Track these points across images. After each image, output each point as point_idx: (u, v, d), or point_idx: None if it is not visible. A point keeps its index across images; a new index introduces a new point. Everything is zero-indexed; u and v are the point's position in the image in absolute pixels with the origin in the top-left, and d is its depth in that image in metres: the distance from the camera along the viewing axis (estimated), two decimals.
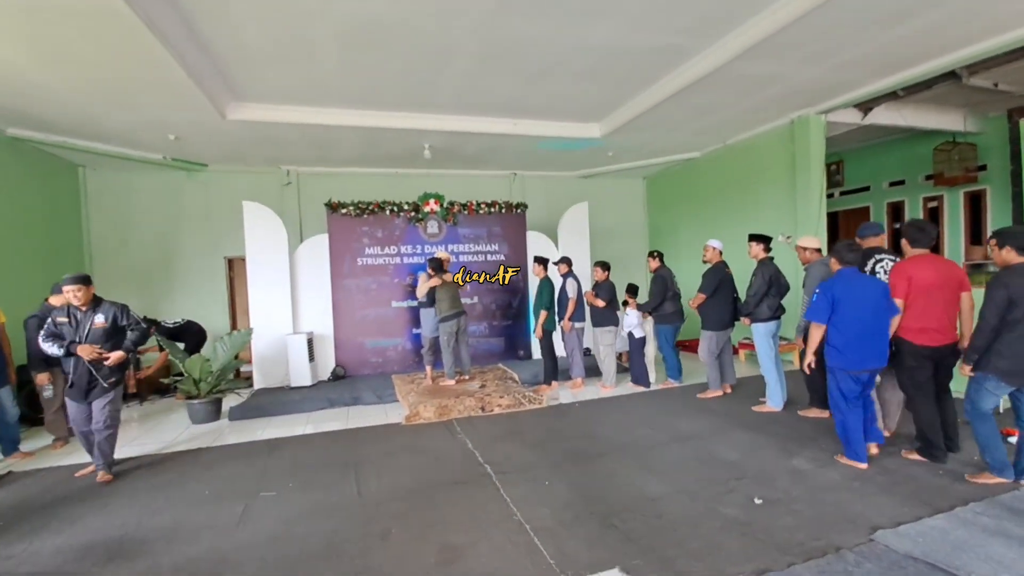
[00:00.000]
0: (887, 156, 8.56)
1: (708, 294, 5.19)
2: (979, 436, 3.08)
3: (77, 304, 3.65)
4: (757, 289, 4.73)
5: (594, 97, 5.93)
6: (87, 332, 3.64)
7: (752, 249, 4.93)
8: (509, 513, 2.92)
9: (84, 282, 3.65)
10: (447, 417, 4.95)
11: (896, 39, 4.52)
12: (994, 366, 2.92)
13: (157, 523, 3.02)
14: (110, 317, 3.72)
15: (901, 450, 3.57)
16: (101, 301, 3.75)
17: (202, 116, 5.46)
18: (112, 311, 3.75)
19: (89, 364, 3.60)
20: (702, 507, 2.90)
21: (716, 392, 5.32)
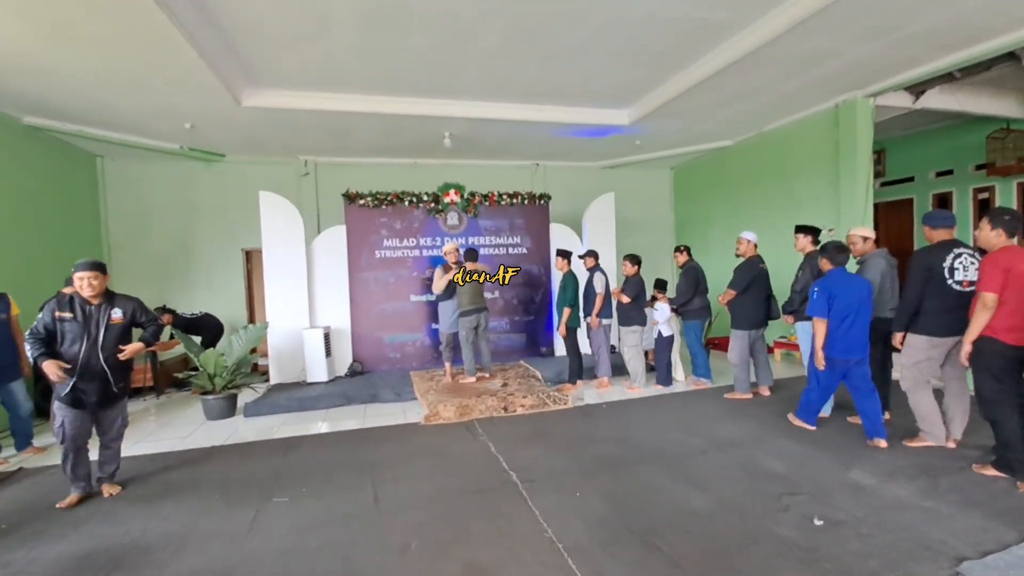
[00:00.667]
0: (934, 144, 8.04)
1: (739, 290, 4.85)
2: None
3: (89, 294, 3.10)
4: (804, 284, 4.35)
5: (625, 80, 5.59)
6: (103, 329, 3.12)
7: (799, 242, 4.55)
8: (539, 528, 2.66)
9: (100, 269, 3.14)
10: (468, 417, 4.72)
11: (966, 10, 4.09)
12: None
13: (164, 529, 2.84)
14: (129, 312, 3.25)
15: (972, 464, 3.22)
16: (114, 295, 3.26)
17: (216, 102, 5.28)
18: (131, 306, 3.28)
19: (106, 365, 3.14)
20: (754, 526, 2.60)
21: (745, 395, 4.98)
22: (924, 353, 3.46)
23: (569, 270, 5.62)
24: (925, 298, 3.41)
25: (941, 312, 3.37)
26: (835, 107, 6.21)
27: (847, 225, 6.09)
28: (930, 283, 3.38)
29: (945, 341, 3.41)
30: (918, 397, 3.54)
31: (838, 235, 6.27)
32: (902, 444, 3.62)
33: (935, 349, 3.44)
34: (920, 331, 3.46)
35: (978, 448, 3.46)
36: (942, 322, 3.38)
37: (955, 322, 3.34)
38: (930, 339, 3.43)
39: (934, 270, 3.37)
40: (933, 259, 3.39)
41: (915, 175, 8.36)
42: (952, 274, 3.35)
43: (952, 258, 3.36)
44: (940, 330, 3.39)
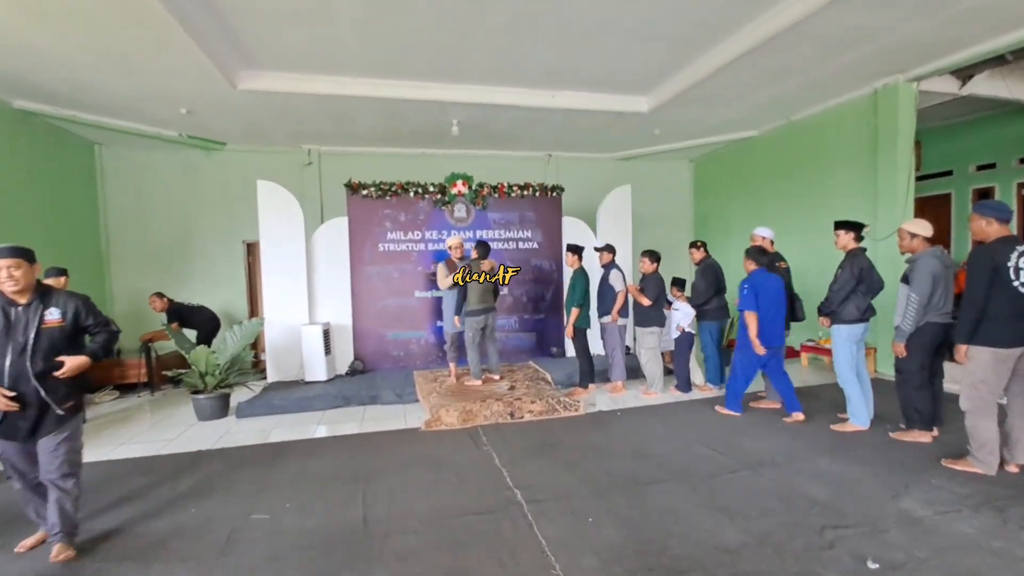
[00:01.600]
0: (975, 136, 7.49)
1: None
2: None
3: (12, 289, 2.37)
4: (843, 284, 3.91)
5: (645, 63, 5.19)
6: (33, 335, 2.39)
7: (840, 239, 4.09)
8: (546, 563, 2.33)
9: (23, 256, 2.41)
10: (472, 423, 4.40)
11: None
12: None
13: (127, 549, 2.56)
14: (71, 313, 2.51)
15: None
16: (51, 290, 2.54)
17: (211, 85, 5.00)
18: (72, 305, 2.53)
19: (39, 382, 2.39)
20: (796, 568, 2.24)
21: (774, 403, 4.61)
22: (989, 368, 3.01)
23: (580, 267, 5.24)
24: (988, 303, 2.97)
25: (1007, 319, 2.95)
26: (874, 92, 5.74)
27: (885, 221, 5.66)
28: (995, 286, 2.96)
29: (1012, 353, 2.98)
30: (978, 421, 3.09)
31: (874, 232, 5.83)
32: (941, 463, 3.25)
33: (1001, 363, 3.00)
34: (982, 342, 3.01)
35: None
36: (1008, 330, 2.95)
37: (1022, 330, 2.95)
38: (995, 351, 2.99)
39: (1000, 271, 2.95)
40: (999, 258, 2.96)
41: (953, 169, 7.82)
42: (1018, 275, 2.94)
43: (1017, 256, 2.95)
44: (1006, 340, 2.96)
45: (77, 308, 2.55)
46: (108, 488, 3.31)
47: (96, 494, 3.20)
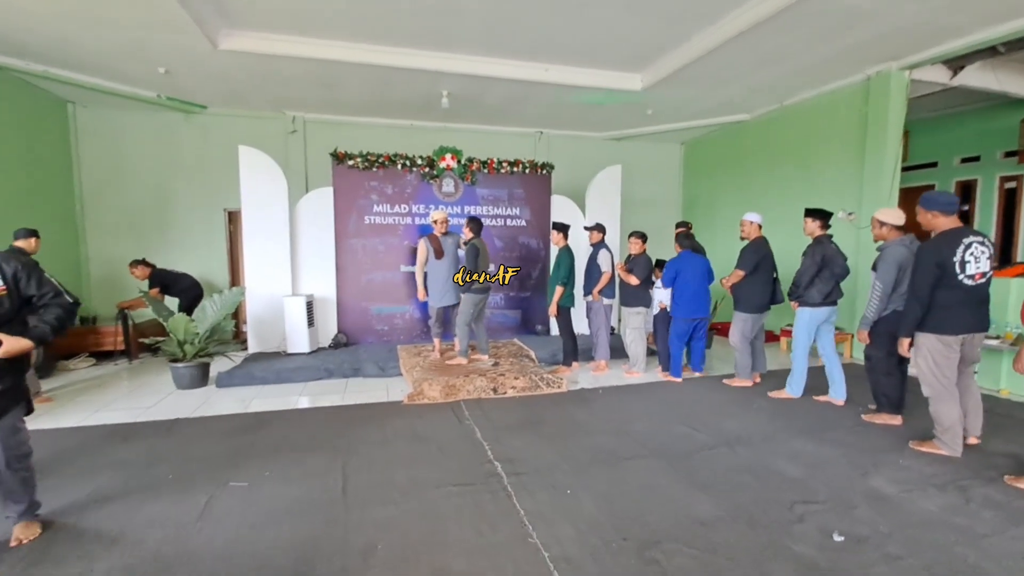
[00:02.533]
0: (961, 128, 7.55)
1: (748, 271, 4.57)
2: None
3: None
4: (806, 270, 4.16)
5: (641, 38, 5.09)
6: None
7: (808, 226, 4.28)
8: (523, 532, 2.36)
9: None
10: (454, 398, 4.41)
11: None
12: None
13: (103, 513, 2.53)
14: (8, 276, 2.09)
15: (1004, 475, 2.91)
16: None
17: (190, 43, 4.79)
18: (11, 268, 2.10)
19: None
20: (766, 539, 2.30)
21: (745, 381, 4.76)
22: (939, 354, 3.13)
23: (566, 245, 5.21)
24: (935, 295, 3.08)
25: (955, 308, 3.07)
26: (867, 79, 5.73)
27: (870, 209, 5.69)
28: (941, 280, 3.04)
29: (958, 339, 3.11)
30: (940, 406, 3.21)
31: (859, 220, 5.90)
32: (909, 445, 3.37)
33: (948, 348, 3.11)
34: (931, 330, 3.13)
35: (1007, 456, 3.17)
36: (955, 319, 3.08)
37: (966, 319, 3.09)
38: (941, 338, 3.11)
39: (945, 267, 3.02)
40: (944, 254, 3.02)
41: (939, 160, 7.90)
42: (964, 268, 3.02)
43: (963, 250, 3.01)
44: (951, 328, 3.09)
45: (15, 272, 2.09)
46: (83, 454, 3.26)
47: (70, 459, 3.15)
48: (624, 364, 5.42)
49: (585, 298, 5.30)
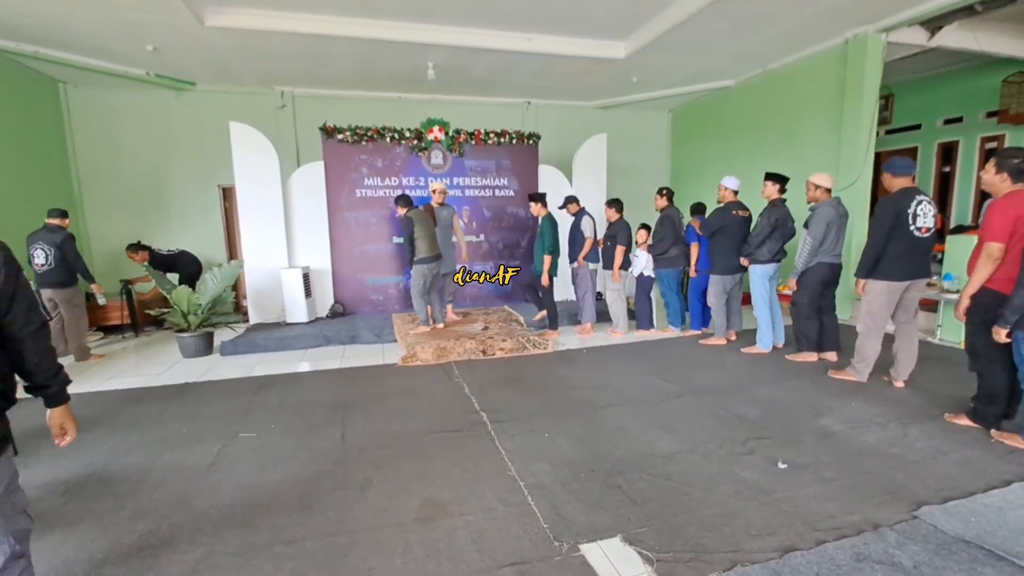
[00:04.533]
0: (944, 89, 7.64)
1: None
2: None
3: None
4: (761, 230, 4.52)
5: (622, 5, 5.16)
6: None
7: (766, 189, 4.60)
8: (503, 468, 2.65)
9: None
10: (446, 359, 4.68)
11: None
12: None
13: (127, 462, 2.82)
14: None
15: (944, 413, 3.20)
16: None
17: (176, 20, 4.87)
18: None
19: None
20: (717, 468, 2.59)
21: (720, 340, 5.06)
22: (883, 297, 3.58)
23: (547, 213, 5.39)
24: (888, 244, 3.50)
25: (901, 257, 3.49)
26: (845, 43, 5.82)
27: (847, 172, 5.88)
28: (896, 229, 3.46)
29: (902, 285, 3.54)
30: (866, 341, 3.74)
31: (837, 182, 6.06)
32: (828, 374, 4.01)
33: (892, 294, 3.56)
34: (879, 276, 3.57)
35: (951, 398, 3.45)
36: (901, 267, 3.51)
37: (911, 267, 3.52)
38: (888, 284, 3.54)
39: (901, 216, 3.43)
40: (901, 205, 3.44)
41: (922, 123, 8.01)
42: (915, 220, 3.43)
43: (915, 204, 3.42)
44: (898, 275, 3.52)
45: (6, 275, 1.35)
46: (101, 415, 3.54)
47: (89, 419, 3.43)
48: (608, 327, 5.69)
49: (571, 265, 5.52)
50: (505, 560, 1.92)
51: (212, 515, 2.27)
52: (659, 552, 1.95)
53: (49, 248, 4.65)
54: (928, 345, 4.94)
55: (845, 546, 1.96)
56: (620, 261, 5.29)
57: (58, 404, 1.52)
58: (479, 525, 2.14)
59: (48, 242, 4.65)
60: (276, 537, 2.08)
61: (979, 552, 1.93)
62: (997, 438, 2.84)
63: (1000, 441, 2.81)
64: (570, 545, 2.00)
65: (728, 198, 4.87)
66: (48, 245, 4.65)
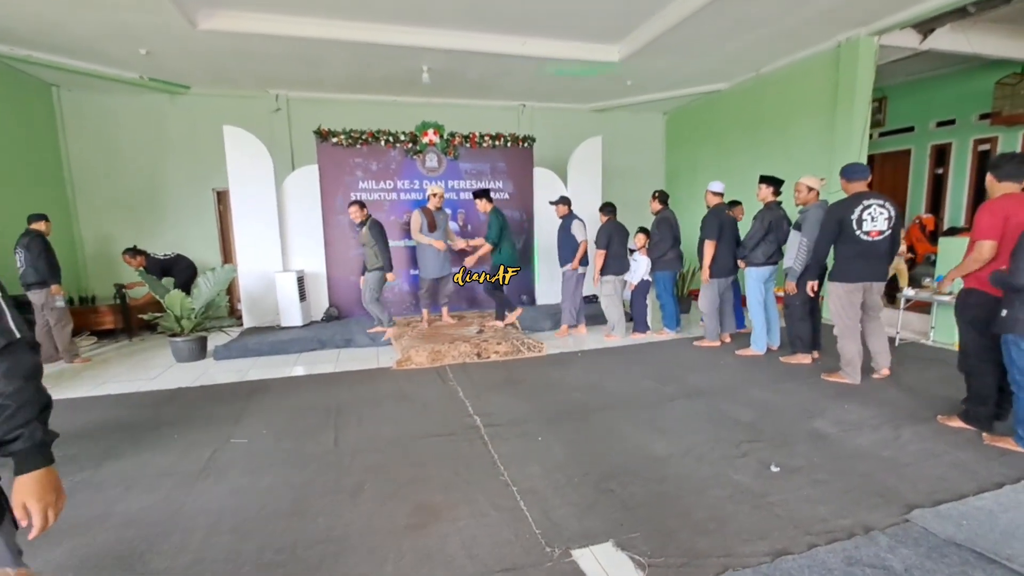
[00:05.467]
0: (938, 91, 7.68)
1: (715, 238, 4.88)
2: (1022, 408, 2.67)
3: None
4: (754, 233, 4.56)
5: (616, 8, 5.17)
6: None
7: (761, 191, 4.64)
8: (495, 472, 2.64)
9: None
10: (440, 363, 4.67)
11: None
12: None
13: (118, 467, 2.80)
14: None
15: (937, 415, 3.21)
16: None
17: (169, 22, 4.85)
18: None
19: None
20: (710, 471, 2.59)
21: (714, 342, 5.07)
22: (843, 299, 3.76)
23: (493, 208, 5.54)
24: (838, 248, 3.72)
25: (852, 260, 3.68)
26: (837, 46, 5.84)
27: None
28: (841, 235, 3.66)
29: (858, 287, 3.72)
30: (844, 342, 3.84)
31: (829, 185, 6.09)
32: (821, 377, 4.03)
33: (850, 295, 3.73)
34: (835, 279, 3.78)
35: (945, 399, 3.46)
36: (853, 269, 3.70)
37: (865, 269, 3.70)
38: (844, 285, 3.73)
39: (844, 223, 3.62)
40: (843, 212, 3.63)
41: (915, 125, 8.05)
42: (860, 225, 3.60)
43: (860, 209, 3.58)
44: (851, 276, 3.70)
45: None
46: (93, 420, 3.51)
47: (81, 425, 3.40)
48: (604, 329, 5.69)
49: (562, 268, 5.53)
50: (496, 566, 1.91)
51: (201, 521, 2.25)
52: (651, 557, 1.94)
53: (22, 250, 4.80)
54: (922, 347, 4.96)
55: (837, 550, 1.96)
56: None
57: (31, 468, 1.04)
58: (471, 531, 2.13)
59: (22, 245, 4.81)
60: (266, 544, 2.07)
61: (970, 555, 1.93)
62: (989, 441, 2.84)
63: (993, 444, 2.81)
64: (562, 551, 2.00)
65: (715, 202, 4.95)
66: (22, 248, 4.80)
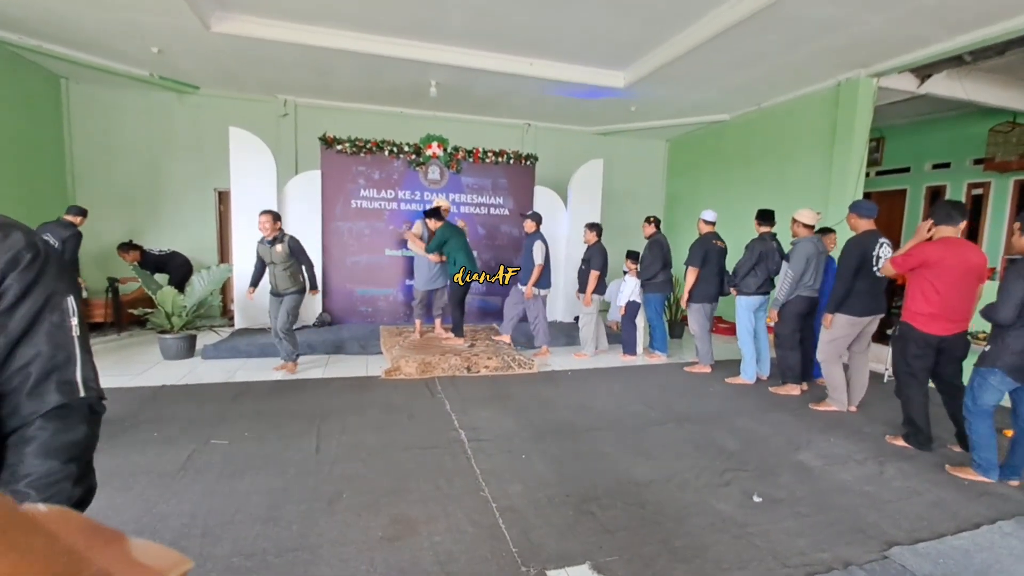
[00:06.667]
0: (934, 135, 7.84)
1: (697, 265, 5.00)
2: (975, 433, 2.86)
3: None
4: (744, 263, 4.67)
5: (623, 37, 5.29)
6: None
7: (757, 225, 4.78)
8: (476, 487, 2.61)
9: None
10: (429, 375, 4.64)
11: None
12: (1002, 361, 2.67)
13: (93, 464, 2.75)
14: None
15: (885, 435, 3.48)
16: None
17: (183, 24, 4.92)
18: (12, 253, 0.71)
19: None
20: (693, 498, 2.57)
21: (705, 368, 5.10)
22: (844, 330, 3.84)
23: (444, 223, 5.29)
24: (854, 282, 3.78)
25: (864, 294, 3.77)
26: (837, 85, 5.97)
27: (835, 211, 5.97)
28: (861, 269, 3.74)
29: (863, 320, 3.83)
30: (831, 369, 3.95)
31: (824, 220, 6.16)
32: (808, 406, 4.08)
33: (854, 327, 3.84)
34: (843, 311, 3.82)
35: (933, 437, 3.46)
36: (863, 303, 3.79)
37: (873, 303, 3.82)
38: (850, 318, 3.82)
39: (866, 257, 3.73)
40: (865, 248, 3.74)
41: (911, 166, 8.20)
42: (877, 262, 3.73)
43: (878, 247, 3.73)
44: (860, 310, 3.79)
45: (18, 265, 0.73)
46: None
47: None
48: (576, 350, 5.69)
49: (519, 286, 5.52)
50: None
51: (173, 522, 2.21)
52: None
53: (54, 240, 4.72)
54: None
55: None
56: (594, 286, 5.34)
57: None
58: (446, 546, 2.10)
59: (56, 235, 4.76)
60: (236, 549, 2.03)
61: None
62: (951, 471, 2.96)
63: (954, 474, 2.92)
64: (538, 571, 1.97)
65: (704, 230, 5.08)
66: (55, 238, 4.74)
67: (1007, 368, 2.67)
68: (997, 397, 2.74)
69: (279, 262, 4.55)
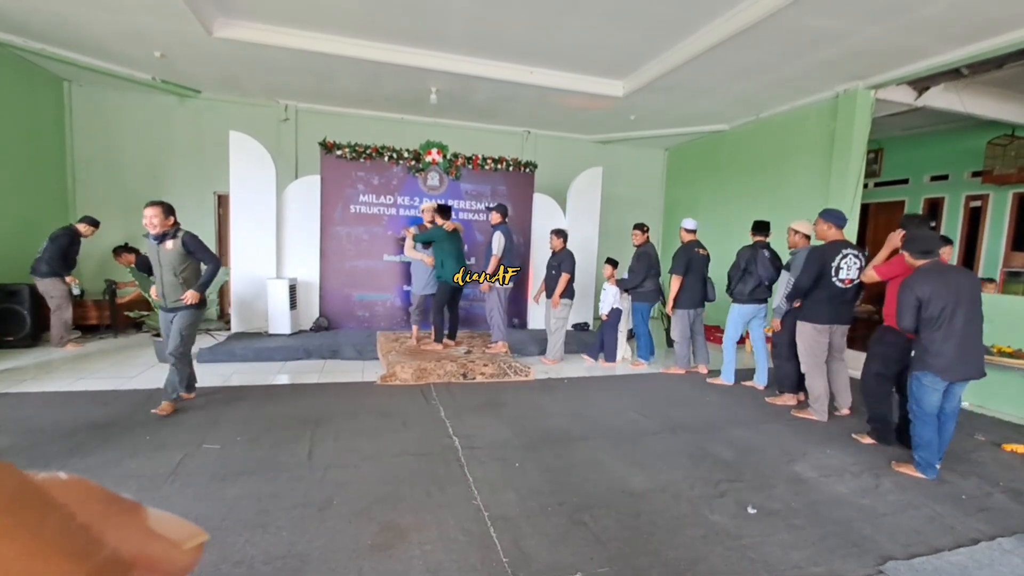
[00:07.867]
0: (932, 147, 7.88)
1: (680, 273, 5.10)
2: (918, 435, 3.04)
3: None
4: (733, 271, 4.77)
5: (622, 47, 5.32)
6: None
7: (752, 235, 4.85)
8: (469, 495, 2.59)
9: None
10: (425, 381, 4.63)
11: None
12: (928, 363, 2.94)
13: (83, 466, 2.74)
14: None
15: (851, 432, 3.68)
16: None
17: (185, 29, 4.96)
18: None
19: None
20: (687, 509, 2.55)
21: (680, 370, 5.29)
22: (813, 338, 3.95)
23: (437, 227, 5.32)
24: (812, 290, 3.91)
25: (823, 303, 3.89)
26: (835, 97, 6.00)
27: None
28: (820, 278, 3.85)
29: (827, 328, 3.93)
30: (813, 380, 4.03)
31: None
32: (791, 414, 4.16)
33: (819, 334, 3.94)
34: (807, 319, 3.97)
35: None
36: (823, 311, 3.91)
37: (833, 313, 3.91)
38: (813, 325, 3.94)
39: (825, 268, 3.83)
40: (827, 257, 3.82)
41: (910, 177, 8.23)
42: (837, 272, 3.82)
43: (840, 258, 3.81)
44: (821, 318, 3.91)
45: None
46: (65, 416, 3.45)
47: (52, 420, 3.34)
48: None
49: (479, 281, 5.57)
50: None
51: None
52: None
53: (48, 240, 5.13)
54: None
55: None
56: (563, 288, 5.35)
57: None
58: (436, 555, 2.08)
59: (52, 236, 5.18)
60: (224, 556, 2.01)
61: None
62: (896, 467, 3.14)
63: (898, 470, 3.11)
64: None
65: (686, 238, 5.18)
66: (49, 239, 5.16)
67: (935, 369, 2.91)
68: (936, 397, 2.96)
69: (167, 265, 3.59)
